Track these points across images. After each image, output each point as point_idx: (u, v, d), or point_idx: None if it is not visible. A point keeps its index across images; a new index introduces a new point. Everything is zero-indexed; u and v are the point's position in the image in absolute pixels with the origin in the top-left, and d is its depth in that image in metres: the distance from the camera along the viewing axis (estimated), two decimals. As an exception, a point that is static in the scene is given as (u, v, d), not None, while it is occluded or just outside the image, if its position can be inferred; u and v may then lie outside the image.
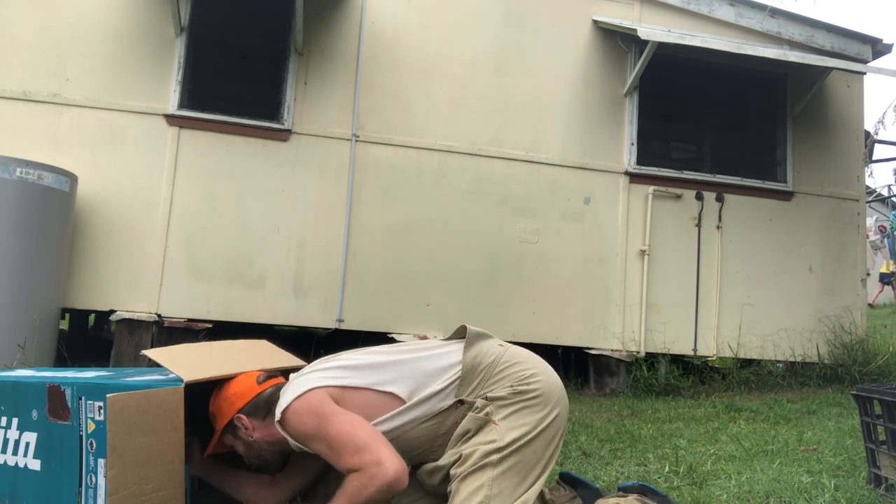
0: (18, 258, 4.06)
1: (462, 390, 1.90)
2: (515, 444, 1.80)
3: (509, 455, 1.79)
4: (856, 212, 6.00)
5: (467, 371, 1.91)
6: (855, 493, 2.44)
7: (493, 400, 1.85)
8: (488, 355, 1.94)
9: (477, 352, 1.95)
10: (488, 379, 1.90)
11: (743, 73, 5.83)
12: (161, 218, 4.75)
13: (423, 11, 5.34)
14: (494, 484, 1.76)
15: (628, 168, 5.53)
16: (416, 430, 1.89)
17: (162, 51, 4.85)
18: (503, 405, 1.84)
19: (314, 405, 1.85)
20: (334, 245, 5.00)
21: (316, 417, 1.83)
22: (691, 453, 3.17)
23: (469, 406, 1.88)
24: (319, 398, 1.86)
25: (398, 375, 1.92)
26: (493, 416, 1.83)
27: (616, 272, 5.43)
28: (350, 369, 1.95)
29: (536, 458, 1.82)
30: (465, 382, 1.90)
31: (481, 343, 1.98)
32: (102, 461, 1.82)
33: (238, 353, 2.32)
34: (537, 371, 1.91)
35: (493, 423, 1.82)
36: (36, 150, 4.49)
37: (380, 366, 1.95)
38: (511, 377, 1.89)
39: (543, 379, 1.90)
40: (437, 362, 1.95)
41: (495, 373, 1.90)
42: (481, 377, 1.90)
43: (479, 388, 1.89)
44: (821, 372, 5.54)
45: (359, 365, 1.96)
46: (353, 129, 5.10)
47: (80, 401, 1.89)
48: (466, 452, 1.81)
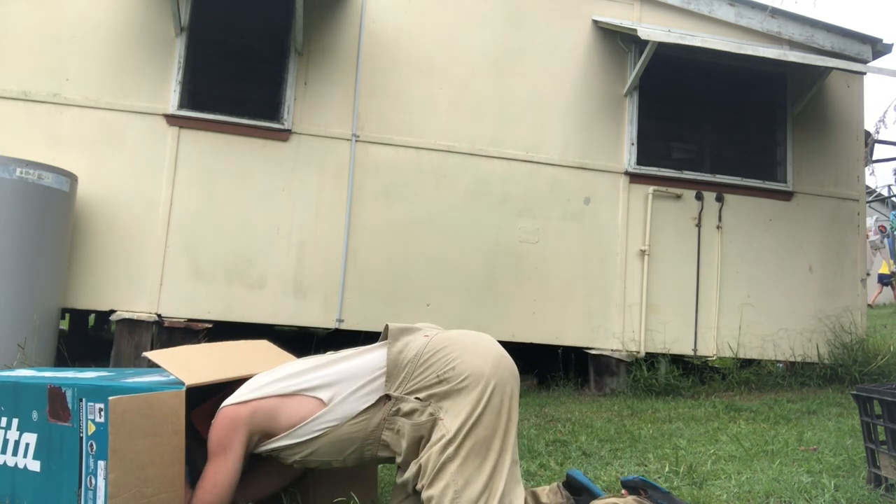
0: (18, 258, 4.06)
1: (389, 386, 1.92)
2: (464, 429, 1.81)
3: (462, 441, 1.80)
4: (856, 212, 6.00)
5: (392, 367, 1.93)
6: (855, 493, 2.44)
7: (427, 398, 1.87)
8: (411, 349, 1.96)
9: (401, 347, 1.97)
10: (414, 371, 1.91)
11: (743, 73, 5.83)
12: (161, 218, 4.75)
13: (423, 11, 5.34)
14: (458, 476, 1.77)
15: (628, 168, 5.53)
16: (343, 429, 1.93)
17: (162, 51, 4.85)
18: (438, 398, 1.86)
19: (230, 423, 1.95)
20: (334, 245, 5.00)
21: (224, 437, 1.94)
22: (691, 453, 3.17)
23: (396, 401, 1.91)
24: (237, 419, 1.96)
25: (320, 381, 1.98)
26: (437, 414, 1.85)
27: (616, 272, 5.43)
28: (281, 380, 2.02)
29: (491, 430, 1.83)
30: (390, 378, 1.93)
31: (406, 338, 2.00)
32: (102, 463, 1.82)
33: (239, 354, 2.32)
34: (457, 355, 1.91)
35: (439, 420, 1.84)
36: (36, 150, 4.49)
37: (303, 373, 2.03)
38: (435, 367, 1.90)
39: (466, 360, 1.89)
40: (358, 362, 2.00)
41: (420, 363, 1.92)
42: (406, 371, 1.92)
43: (406, 381, 1.91)
44: (821, 372, 5.54)
45: (289, 374, 2.04)
46: (353, 129, 5.10)
47: (80, 402, 1.89)
48: (423, 461, 1.83)
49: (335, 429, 1.93)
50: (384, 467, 2.79)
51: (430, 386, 1.88)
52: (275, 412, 1.95)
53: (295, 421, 1.94)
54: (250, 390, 2.00)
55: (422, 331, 2.04)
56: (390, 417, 1.92)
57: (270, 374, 2.06)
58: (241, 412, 1.95)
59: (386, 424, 1.93)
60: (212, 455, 1.94)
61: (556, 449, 3.27)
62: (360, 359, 2.01)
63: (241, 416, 1.94)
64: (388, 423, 1.93)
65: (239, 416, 1.95)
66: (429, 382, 1.89)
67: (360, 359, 2.01)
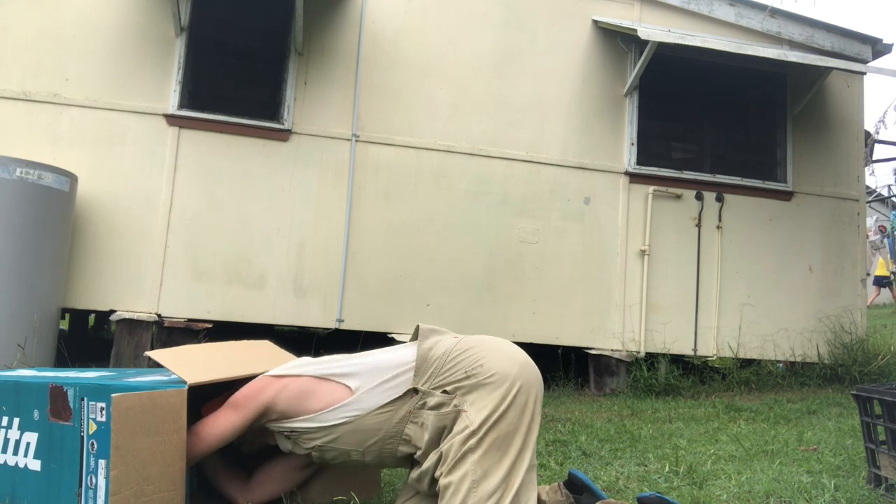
0: (18, 258, 4.06)
1: (416, 380, 1.95)
2: (489, 422, 1.82)
3: (485, 434, 1.82)
4: (856, 212, 6.00)
5: (421, 361, 1.96)
6: (855, 493, 2.44)
7: (453, 391, 1.89)
8: (441, 347, 1.99)
9: (431, 344, 2.00)
10: (442, 367, 1.94)
11: (743, 73, 5.83)
12: (161, 218, 4.75)
13: (423, 12, 5.34)
14: (478, 467, 1.79)
15: (628, 168, 5.53)
16: (368, 419, 1.95)
17: (162, 51, 4.86)
18: (464, 392, 1.88)
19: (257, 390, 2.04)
20: (334, 245, 5.00)
21: (247, 398, 2.02)
22: (691, 453, 3.17)
23: (423, 395, 1.93)
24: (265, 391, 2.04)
25: (351, 369, 2.03)
26: (462, 406, 1.87)
27: (616, 272, 5.43)
28: (319, 363, 2.12)
29: (513, 427, 1.85)
30: (419, 372, 1.95)
31: (436, 337, 2.04)
32: (103, 462, 1.82)
33: (241, 354, 2.32)
34: (486, 354, 1.94)
35: (463, 412, 1.86)
36: (36, 150, 4.49)
37: (338, 359, 2.10)
38: (464, 363, 1.93)
39: (495, 359, 1.93)
40: (390, 356, 2.04)
41: (448, 360, 1.94)
42: (434, 367, 1.94)
43: (434, 377, 1.93)
44: (821, 372, 5.55)
45: (326, 359, 2.13)
46: (353, 129, 5.10)
47: (82, 401, 1.89)
48: (445, 448, 1.85)
49: (359, 418, 1.96)
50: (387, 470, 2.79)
51: (457, 381, 1.91)
52: (305, 393, 2.01)
53: (322, 405, 1.98)
54: (292, 366, 2.10)
55: (451, 334, 2.08)
56: (416, 411, 1.94)
57: (314, 359, 2.16)
58: (273, 386, 2.03)
59: (411, 417, 1.95)
60: (228, 405, 2.02)
61: (556, 449, 3.27)
62: (390, 354, 2.05)
63: (270, 388, 2.02)
64: (413, 417, 1.95)
65: (269, 388, 2.02)
66: (456, 378, 1.91)
67: (390, 354, 2.05)
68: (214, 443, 1.99)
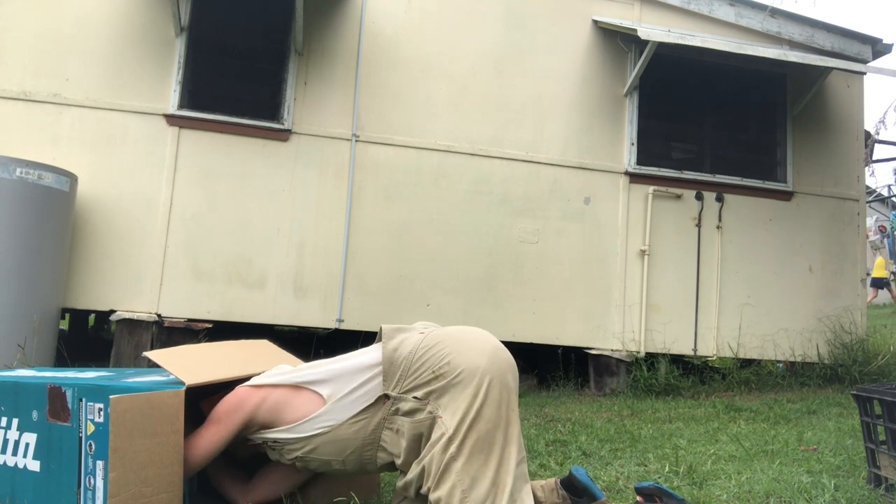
0: (18, 258, 4.06)
1: (386, 385, 1.91)
2: (464, 425, 1.78)
3: (464, 438, 1.77)
4: (856, 212, 6.00)
5: (388, 364, 1.92)
6: (855, 493, 2.44)
7: (424, 396, 1.86)
8: (406, 346, 1.95)
9: (395, 345, 1.96)
10: (409, 369, 1.90)
11: (743, 73, 5.83)
12: (161, 218, 4.75)
13: (423, 11, 5.34)
14: (464, 475, 1.75)
15: (628, 168, 5.53)
16: (343, 429, 1.94)
17: (162, 51, 4.85)
18: (436, 396, 1.84)
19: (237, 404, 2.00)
20: (334, 245, 5.00)
21: (228, 412, 1.99)
22: (691, 453, 3.17)
23: (395, 400, 1.90)
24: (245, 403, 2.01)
25: (319, 376, 2.01)
26: (437, 412, 1.83)
27: (616, 272, 5.43)
28: (293, 371, 2.09)
29: (493, 424, 1.80)
30: (387, 377, 1.92)
31: (400, 336, 1.99)
32: (101, 463, 1.82)
33: (239, 354, 2.32)
34: (452, 349, 1.89)
35: (438, 419, 1.82)
36: (36, 150, 4.49)
37: (309, 366, 2.09)
38: (430, 362, 1.88)
39: (462, 353, 1.88)
40: (355, 362, 2.01)
41: (415, 360, 1.90)
42: (402, 369, 1.90)
43: (402, 380, 1.90)
44: (821, 372, 5.54)
45: (300, 367, 2.13)
46: (353, 129, 5.10)
47: (80, 402, 1.89)
48: (426, 461, 1.81)
49: (334, 428, 1.94)
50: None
51: (426, 383, 1.87)
52: (282, 404, 1.99)
53: (298, 416, 1.97)
54: (268, 376, 2.08)
55: (416, 329, 2.03)
56: (390, 417, 1.91)
57: (293, 367, 2.16)
58: (252, 398, 2.00)
59: (386, 424, 1.92)
60: (211, 421, 1.99)
61: (556, 449, 3.27)
62: (358, 358, 2.02)
63: (250, 401, 2.00)
64: (387, 423, 1.92)
65: (248, 400, 2.00)
66: (425, 379, 1.87)
67: (358, 358, 2.02)
68: (200, 460, 1.97)
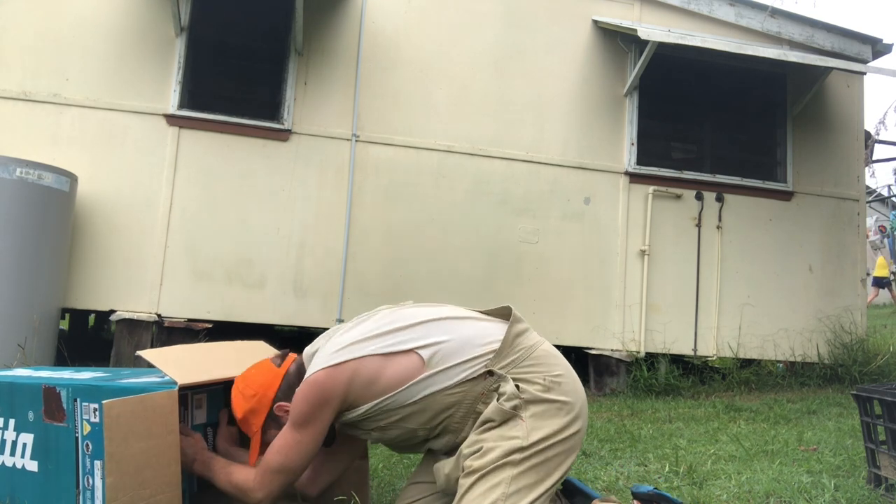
0: (18, 258, 4.06)
1: (495, 361, 1.81)
2: (540, 445, 1.73)
3: (531, 455, 1.72)
4: (856, 212, 6.00)
5: (506, 345, 1.83)
6: (855, 493, 2.43)
7: (522, 392, 1.77)
8: (528, 339, 1.89)
9: (520, 330, 1.89)
10: (523, 360, 1.83)
11: (743, 73, 5.82)
12: (161, 218, 4.75)
13: (423, 11, 5.33)
14: (513, 482, 1.71)
15: (628, 168, 5.52)
16: (441, 396, 1.81)
17: (162, 51, 4.85)
18: (532, 401, 1.77)
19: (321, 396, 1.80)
20: (334, 245, 5.00)
21: (301, 409, 1.81)
22: (691, 453, 3.16)
23: (497, 379, 1.80)
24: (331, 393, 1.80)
25: (427, 340, 1.84)
26: (521, 412, 1.75)
27: (616, 272, 5.43)
28: (383, 335, 1.86)
29: (557, 462, 1.76)
30: (499, 355, 1.82)
31: (524, 325, 1.93)
32: (98, 463, 1.81)
33: (234, 354, 2.31)
34: (565, 372, 1.86)
35: (519, 419, 1.75)
36: (36, 150, 4.49)
37: (410, 328, 1.87)
38: (543, 369, 1.82)
39: (571, 383, 1.85)
40: (477, 328, 1.89)
41: (530, 356, 1.84)
42: (517, 356, 1.83)
43: (512, 366, 1.81)
44: (821, 372, 5.54)
45: (392, 329, 1.87)
46: (353, 129, 5.09)
47: (75, 402, 1.89)
48: (488, 447, 1.73)
49: (438, 394, 1.81)
50: (387, 469, 2.79)
51: (532, 382, 1.80)
52: (376, 376, 1.80)
53: (395, 384, 1.80)
54: (345, 348, 1.83)
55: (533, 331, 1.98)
56: (489, 393, 1.81)
57: (366, 325, 1.90)
58: (339, 379, 1.79)
59: (483, 399, 1.81)
60: (295, 425, 1.81)
61: (556, 449, 3.26)
62: (474, 326, 1.90)
63: (338, 384, 1.79)
64: (485, 399, 1.81)
65: (336, 384, 1.79)
66: (533, 379, 1.80)
67: (474, 326, 1.90)
68: (303, 468, 1.86)
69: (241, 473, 1.92)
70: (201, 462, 1.99)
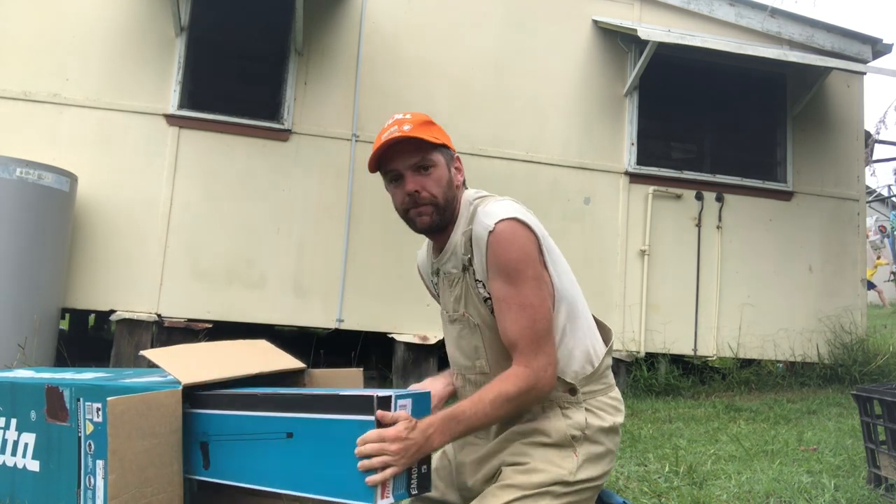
0: (18, 258, 4.06)
1: (583, 383, 1.68)
2: (581, 485, 1.64)
3: (572, 493, 1.63)
4: (856, 212, 6.00)
5: (598, 373, 1.72)
6: (855, 493, 2.44)
7: (588, 427, 1.66)
8: (610, 372, 1.78)
9: (610, 362, 1.78)
10: (601, 394, 1.72)
11: (743, 73, 5.83)
12: (161, 218, 4.75)
13: (423, 11, 5.33)
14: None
15: (628, 168, 5.53)
16: None
17: (162, 51, 4.85)
18: (591, 440, 1.66)
19: (528, 242, 1.63)
20: (334, 245, 5.00)
21: (524, 254, 1.60)
22: (691, 453, 3.17)
23: (578, 399, 1.67)
24: (532, 240, 1.63)
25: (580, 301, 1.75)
26: (577, 446, 1.65)
27: (616, 272, 5.43)
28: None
29: (587, 498, 1.67)
30: (589, 379, 1.70)
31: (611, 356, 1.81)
32: (101, 462, 1.82)
33: (237, 353, 2.31)
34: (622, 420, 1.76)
35: (573, 452, 1.64)
36: (36, 150, 4.49)
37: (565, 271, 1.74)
38: (612, 411, 1.71)
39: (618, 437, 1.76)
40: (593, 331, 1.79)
41: (608, 395, 1.73)
42: (600, 388, 1.73)
43: (591, 395, 1.71)
44: (821, 372, 5.54)
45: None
46: (353, 129, 5.10)
47: (78, 402, 1.89)
48: (534, 466, 1.62)
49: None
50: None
51: (601, 420, 1.69)
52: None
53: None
54: (534, 221, 1.71)
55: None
56: (555, 397, 1.67)
57: None
58: (532, 239, 1.64)
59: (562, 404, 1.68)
60: (520, 273, 1.59)
61: (556, 449, 3.26)
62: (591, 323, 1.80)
63: (532, 230, 1.65)
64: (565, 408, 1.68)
65: (530, 230, 1.65)
66: (602, 417, 1.69)
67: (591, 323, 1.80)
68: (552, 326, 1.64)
69: (493, 385, 1.57)
70: (443, 423, 1.49)
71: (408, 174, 1.68)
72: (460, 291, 1.73)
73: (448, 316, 1.79)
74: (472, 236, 1.67)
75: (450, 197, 1.73)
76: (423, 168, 1.68)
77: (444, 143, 1.71)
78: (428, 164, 1.69)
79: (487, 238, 1.61)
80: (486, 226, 1.62)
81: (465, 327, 1.74)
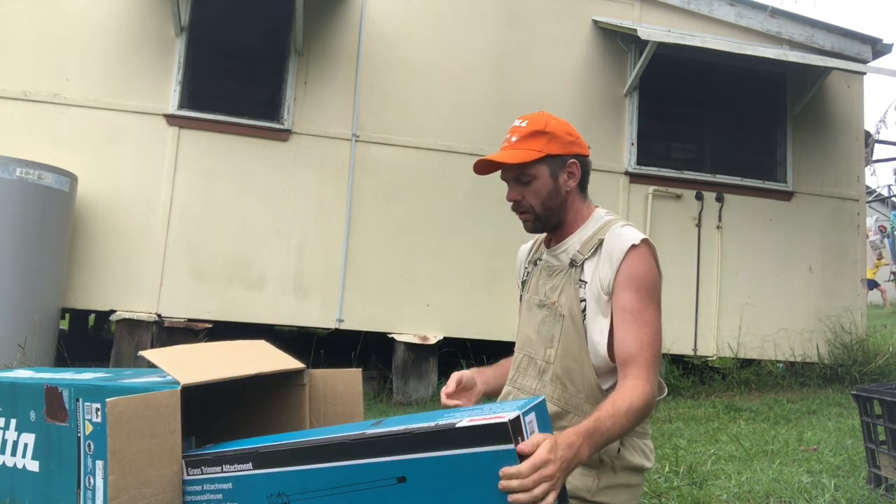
0: (18, 258, 4.06)
1: None
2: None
3: None
4: (856, 212, 6.00)
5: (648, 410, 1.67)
6: (855, 493, 2.44)
7: (619, 457, 1.65)
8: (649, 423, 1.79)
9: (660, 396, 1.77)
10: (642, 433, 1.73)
11: (743, 73, 5.82)
12: (161, 218, 4.75)
13: (423, 11, 5.33)
14: None
15: (628, 168, 5.53)
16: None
17: (162, 51, 4.85)
18: (620, 469, 1.65)
19: (658, 271, 1.71)
20: (334, 245, 5.00)
21: (657, 279, 1.68)
22: (691, 453, 3.17)
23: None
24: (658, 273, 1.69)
25: None
26: (601, 472, 1.63)
27: (616, 272, 5.42)
28: None
29: None
30: None
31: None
32: (100, 463, 1.82)
33: (236, 353, 2.31)
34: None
35: (595, 474, 1.63)
36: (36, 150, 4.49)
37: None
38: (646, 450, 1.71)
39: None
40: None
41: (646, 432, 1.74)
42: (643, 428, 1.74)
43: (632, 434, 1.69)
44: (821, 372, 5.54)
45: None
46: (353, 129, 5.10)
47: (77, 402, 1.89)
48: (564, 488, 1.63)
49: None
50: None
51: (634, 455, 1.68)
52: None
53: None
54: None
55: None
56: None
57: None
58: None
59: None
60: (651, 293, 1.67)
61: (556, 449, 3.26)
62: None
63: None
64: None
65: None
66: (635, 453, 1.68)
67: None
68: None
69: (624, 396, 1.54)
70: (588, 436, 1.41)
71: (510, 183, 1.81)
72: (559, 282, 1.77)
73: (537, 300, 1.81)
74: (605, 246, 1.72)
75: (553, 205, 1.77)
76: (522, 180, 1.77)
77: (547, 154, 1.74)
78: (526, 179, 1.77)
79: (628, 250, 1.68)
80: (630, 239, 1.69)
81: (550, 314, 1.76)
